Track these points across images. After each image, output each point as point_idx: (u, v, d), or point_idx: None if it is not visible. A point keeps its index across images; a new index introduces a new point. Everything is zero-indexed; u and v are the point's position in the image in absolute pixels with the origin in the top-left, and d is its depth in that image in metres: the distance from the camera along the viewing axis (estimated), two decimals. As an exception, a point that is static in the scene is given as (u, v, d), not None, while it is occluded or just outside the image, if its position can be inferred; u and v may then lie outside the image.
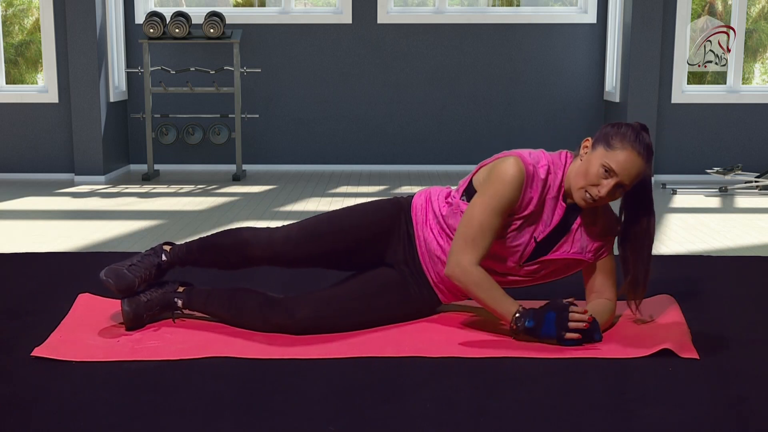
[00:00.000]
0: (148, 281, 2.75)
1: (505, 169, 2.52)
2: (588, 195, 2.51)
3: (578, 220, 2.62)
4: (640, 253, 2.63)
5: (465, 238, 2.54)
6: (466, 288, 2.55)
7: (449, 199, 2.69)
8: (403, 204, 2.77)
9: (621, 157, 2.47)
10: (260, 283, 2.92)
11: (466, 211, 2.56)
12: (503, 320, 2.56)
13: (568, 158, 2.61)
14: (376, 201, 2.83)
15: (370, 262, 2.76)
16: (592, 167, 2.50)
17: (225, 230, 2.86)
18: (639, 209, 2.62)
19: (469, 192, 2.63)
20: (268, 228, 2.82)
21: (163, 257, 2.80)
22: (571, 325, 2.49)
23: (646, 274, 2.65)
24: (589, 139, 2.58)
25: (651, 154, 2.52)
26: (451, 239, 2.63)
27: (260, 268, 2.83)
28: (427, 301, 2.76)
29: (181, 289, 2.78)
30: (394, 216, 2.75)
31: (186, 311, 2.78)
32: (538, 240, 2.58)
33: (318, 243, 2.73)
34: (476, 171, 2.65)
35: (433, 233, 2.68)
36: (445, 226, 2.66)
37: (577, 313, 2.50)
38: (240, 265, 2.80)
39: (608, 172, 2.48)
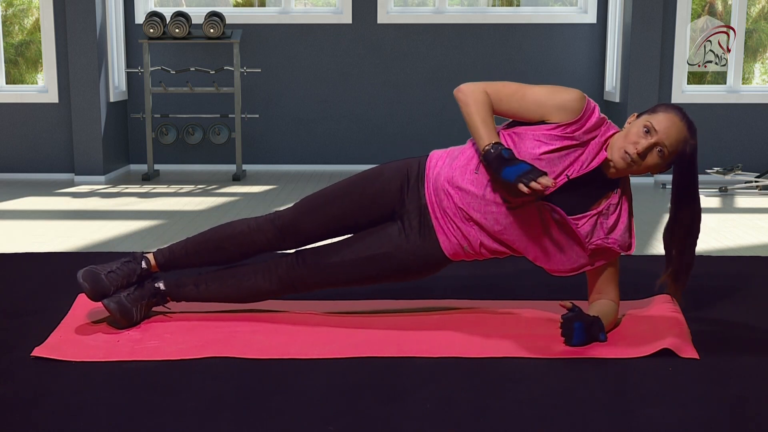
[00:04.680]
0: (124, 288, 2.74)
1: (569, 89, 2.59)
2: (626, 153, 2.52)
3: (597, 208, 2.59)
4: (683, 243, 2.65)
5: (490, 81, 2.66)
6: (465, 104, 2.58)
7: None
8: (420, 159, 2.77)
9: (662, 118, 2.52)
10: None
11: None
12: (481, 145, 2.56)
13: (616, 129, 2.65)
14: (388, 163, 2.82)
15: (380, 218, 2.74)
16: (633, 128, 2.55)
17: (214, 227, 2.86)
18: (683, 195, 2.64)
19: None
20: (260, 216, 2.85)
21: (143, 264, 2.79)
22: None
23: (688, 265, 2.66)
24: (635, 114, 2.62)
25: (694, 130, 2.55)
26: (459, 164, 2.66)
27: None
28: (429, 252, 2.68)
29: (160, 284, 2.79)
30: (406, 171, 2.73)
31: (169, 299, 2.79)
32: (570, 177, 2.56)
33: (329, 208, 2.74)
34: None
35: (444, 169, 2.67)
36: (456, 154, 2.69)
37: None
38: (241, 256, 2.81)
39: (649, 131, 2.51)
